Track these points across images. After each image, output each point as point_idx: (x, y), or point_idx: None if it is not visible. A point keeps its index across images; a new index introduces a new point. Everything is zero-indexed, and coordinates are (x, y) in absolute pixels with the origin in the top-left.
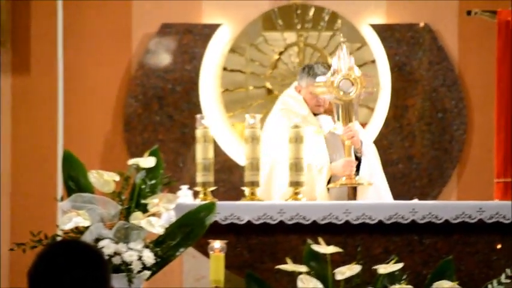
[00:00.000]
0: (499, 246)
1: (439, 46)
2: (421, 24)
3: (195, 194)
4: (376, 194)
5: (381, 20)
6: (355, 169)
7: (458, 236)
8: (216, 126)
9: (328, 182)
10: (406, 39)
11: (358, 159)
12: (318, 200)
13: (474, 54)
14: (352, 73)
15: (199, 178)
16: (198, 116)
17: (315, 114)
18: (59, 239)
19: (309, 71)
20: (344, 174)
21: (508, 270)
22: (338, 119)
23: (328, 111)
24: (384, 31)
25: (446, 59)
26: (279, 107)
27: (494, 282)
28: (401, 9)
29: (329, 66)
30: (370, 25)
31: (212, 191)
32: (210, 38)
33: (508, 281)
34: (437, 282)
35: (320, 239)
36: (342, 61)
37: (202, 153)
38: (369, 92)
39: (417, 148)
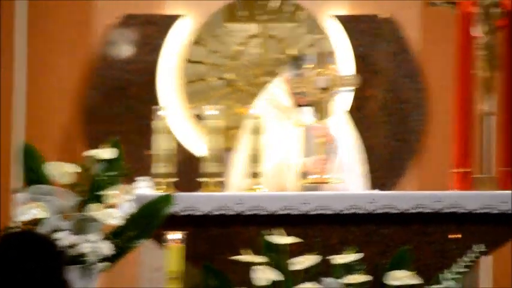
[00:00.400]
0: (455, 236)
1: (401, 37)
2: (384, 16)
3: (154, 186)
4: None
5: (343, 11)
6: (326, 166)
7: (416, 226)
8: (177, 117)
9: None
10: (368, 30)
11: None
12: None
13: (435, 45)
14: (329, 70)
15: (158, 169)
16: (156, 107)
17: (299, 106)
18: (13, 230)
19: (295, 63)
20: (315, 172)
21: (464, 260)
22: (312, 117)
23: None
24: (346, 22)
25: (407, 50)
26: (265, 96)
27: (450, 271)
28: (363, 1)
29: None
30: (332, 16)
31: (171, 182)
32: (172, 29)
33: (465, 270)
34: (394, 272)
35: (278, 230)
36: (319, 58)
37: (162, 145)
38: (347, 90)
39: (378, 139)
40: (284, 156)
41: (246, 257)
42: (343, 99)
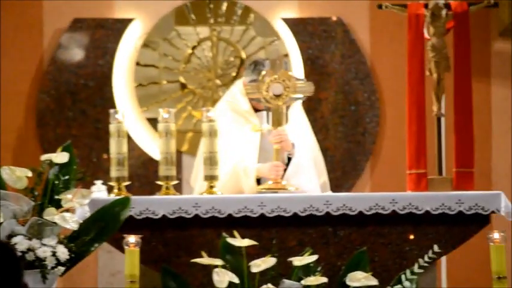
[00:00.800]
0: (411, 237)
1: (351, 39)
2: (333, 18)
3: (110, 189)
4: None
5: (293, 14)
6: (282, 173)
7: (372, 227)
8: (130, 120)
9: (259, 182)
10: (318, 32)
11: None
12: None
13: (386, 47)
14: (284, 77)
15: (113, 173)
16: (111, 110)
17: (258, 110)
18: None
19: (254, 67)
20: (270, 178)
21: (420, 261)
22: (268, 122)
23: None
24: (296, 25)
25: (358, 52)
26: (226, 98)
27: (408, 272)
28: (313, 3)
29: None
30: (282, 19)
31: (127, 186)
32: (123, 32)
33: (421, 271)
34: (351, 273)
35: (235, 232)
36: (274, 65)
37: (116, 148)
38: (304, 97)
39: (331, 141)
40: (240, 160)
41: (203, 260)
42: (298, 104)
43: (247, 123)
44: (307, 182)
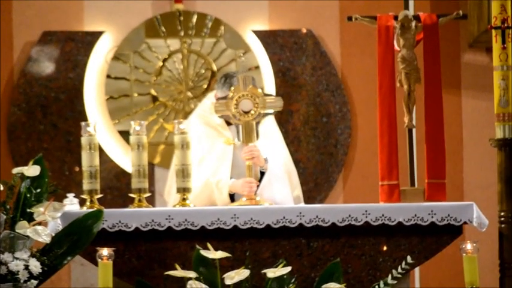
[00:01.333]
0: (384, 248)
1: (321, 51)
2: (304, 30)
3: (82, 202)
4: None
5: (263, 26)
6: (255, 189)
7: (345, 238)
8: (102, 133)
9: (233, 197)
10: (289, 45)
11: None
12: None
13: (356, 59)
14: (253, 93)
15: (85, 186)
16: (83, 123)
17: (229, 123)
18: None
19: (225, 80)
20: (243, 194)
21: (393, 272)
22: (239, 139)
23: None
24: (266, 37)
25: (329, 64)
26: (198, 111)
27: (381, 283)
28: (283, 15)
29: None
30: (253, 31)
31: (99, 199)
32: (93, 45)
33: (394, 282)
34: (325, 285)
35: (208, 245)
36: (242, 81)
37: (88, 161)
38: (274, 112)
39: (303, 153)
40: (213, 174)
41: (177, 272)
42: (271, 117)
43: (219, 137)
44: (280, 192)
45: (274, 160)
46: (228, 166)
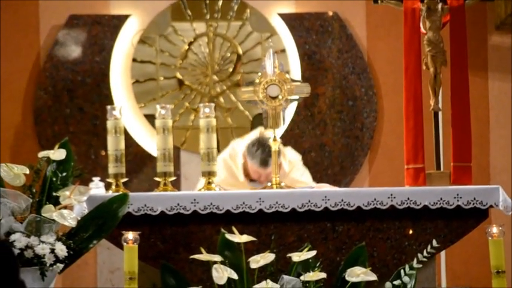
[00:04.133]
0: (410, 232)
1: (347, 34)
2: (330, 13)
3: (107, 186)
4: None
5: (289, 9)
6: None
7: (371, 222)
8: (128, 117)
9: None
10: (315, 28)
11: None
12: None
13: (382, 42)
14: (280, 79)
15: (110, 169)
16: (108, 107)
17: (252, 180)
18: None
19: (256, 151)
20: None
21: (419, 255)
22: (265, 126)
23: None
24: (292, 20)
25: (355, 47)
26: (224, 156)
27: (407, 267)
28: None
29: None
30: (278, 14)
31: (124, 182)
32: (119, 29)
33: (420, 265)
34: (350, 269)
35: (234, 228)
36: (269, 66)
37: (114, 145)
38: (300, 98)
39: (329, 136)
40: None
41: (202, 256)
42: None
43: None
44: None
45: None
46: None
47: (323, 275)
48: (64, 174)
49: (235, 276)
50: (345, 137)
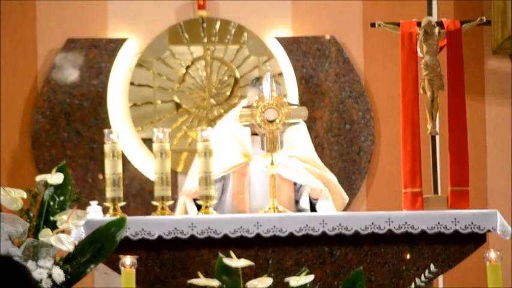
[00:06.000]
0: (408, 256)
1: (345, 58)
2: (327, 37)
3: (105, 210)
4: None
5: (286, 33)
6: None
7: (368, 246)
8: (125, 141)
9: None
10: (312, 51)
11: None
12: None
13: (379, 66)
14: (278, 102)
15: (108, 193)
16: (106, 130)
17: (255, 134)
18: None
19: (256, 81)
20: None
21: (417, 280)
22: (263, 148)
23: None
24: (290, 44)
25: (352, 71)
26: (227, 118)
27: None
28: (306, 22)
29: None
30: (276, 38)
31: (122, 206)
32: (117, 52)
33: None
34: None
35: (231, 253)
36: (267, 90)
37: (111, 169)
38: (298, 122)
39: (326, 160)
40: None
41: (200, 281)
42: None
43: (240, 150)
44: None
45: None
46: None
47: None
48: (61, 198)
49: None
50: (342, 160)
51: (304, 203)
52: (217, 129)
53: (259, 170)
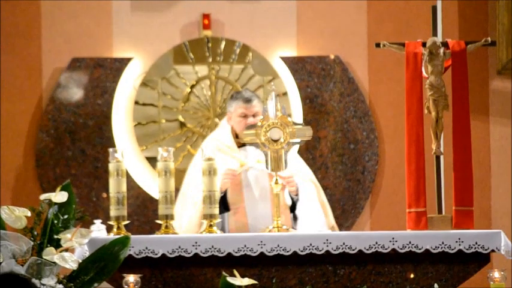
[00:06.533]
0: (412, 276)
1: (349, 78)
2: (332, 57)
3: (109, 228)
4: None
5: (291, 52)
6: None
7: (372, 266)
8: (129, 159)
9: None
10: (317, 71)
11: (294, 203)
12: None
13: (384, 86)
14: (282, 122)
15: (112, 212)
16: (110, 149)
17: (242, 146)
18: None
19: (236, 95)
20: (224, 185)
21: None
22: (267, 168)
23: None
24: (294, 63)
25: (357, 91)
26: (212, 136)
27: None
28: (311, 42)
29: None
30: (281, 58)
31: (126, 225)
32: (122, 71)
33: None
34: None
35: (235, 271)
36: (271, 109)
37: (115, 187)
38: (302, 142)
39: (330, 179)
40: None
41: None
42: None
43: (232, 160)
44: (319, 223)
45: (307, 190)
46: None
47: None
48: (65, 216)
49: None
50: (346, 180)
51: (287, 199)
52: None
53: (254, 175)
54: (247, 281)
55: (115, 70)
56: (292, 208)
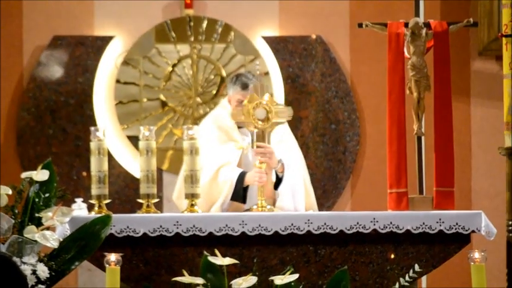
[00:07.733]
0: (392, 256)
1: (331, 58)
2: (313, 37)
3: (90, 207)
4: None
5: (273, 32)
6: (265, 178)
7: (353, 246)
8: (111, 138)
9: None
10: (298, 51)
11: (279, 179)
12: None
13: (366, 66)
14: (267, 102)
15: (93, 191)
16: (92, 128)
17: (241, 127)
18: None
19: (236, 80)
20: (254, 183)
21: (401, 280)
22: (253, 146)
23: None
24: (276, 43)
25: (338, 71)
26: (213, 113)
27: None
28: (293, 22)
29: (253, 75)
30: (262, 37)
31: (107, 204)
32: (103, 50)
33: None
34: None
35: (216, 251)
36: (257, 90)
37: (97, 166)
38: (284, 122)
39: (311, 159)
40: (219, 173)
41: (184, 278)
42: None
43: (229, 141)
44: (300, 203)
45: (292, 168)
46: (236, 168)
47: None
48: (47, 195)
49: None
50: (327, 160)
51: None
52: (204, 128)
53: (253, 157)
54: (228, 260)
55: (96, 48)
56: (276, 186)
